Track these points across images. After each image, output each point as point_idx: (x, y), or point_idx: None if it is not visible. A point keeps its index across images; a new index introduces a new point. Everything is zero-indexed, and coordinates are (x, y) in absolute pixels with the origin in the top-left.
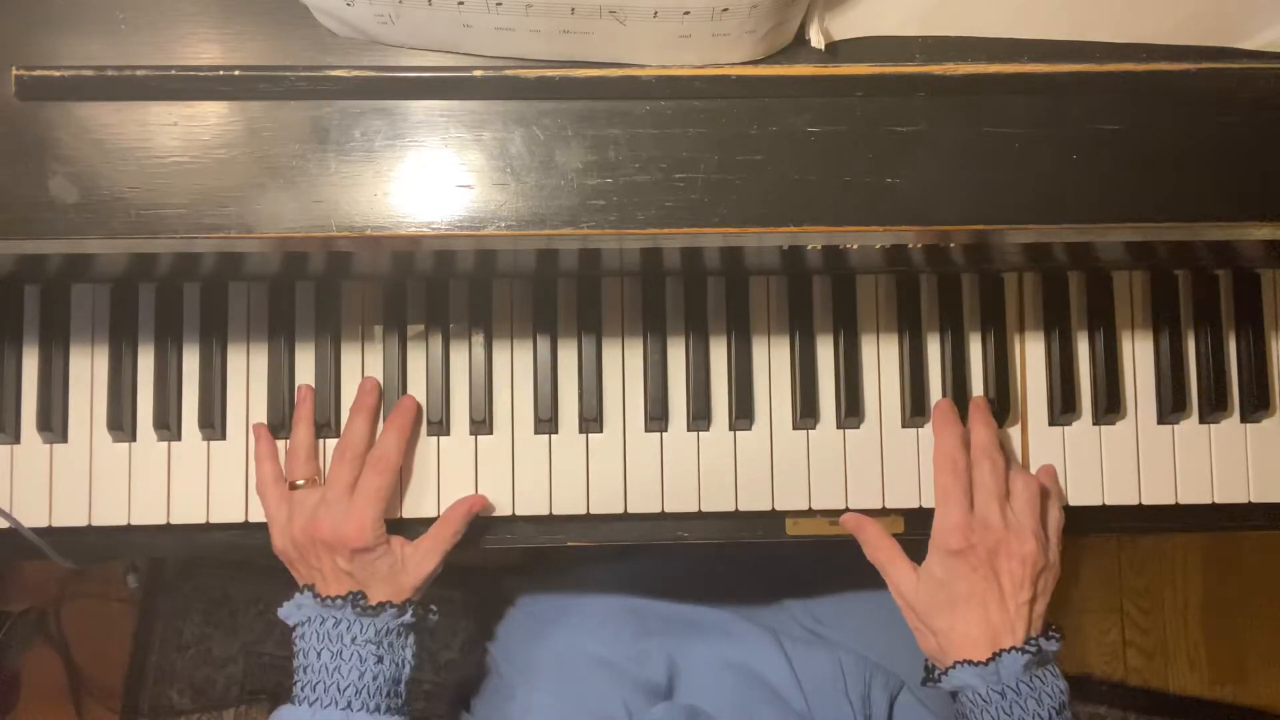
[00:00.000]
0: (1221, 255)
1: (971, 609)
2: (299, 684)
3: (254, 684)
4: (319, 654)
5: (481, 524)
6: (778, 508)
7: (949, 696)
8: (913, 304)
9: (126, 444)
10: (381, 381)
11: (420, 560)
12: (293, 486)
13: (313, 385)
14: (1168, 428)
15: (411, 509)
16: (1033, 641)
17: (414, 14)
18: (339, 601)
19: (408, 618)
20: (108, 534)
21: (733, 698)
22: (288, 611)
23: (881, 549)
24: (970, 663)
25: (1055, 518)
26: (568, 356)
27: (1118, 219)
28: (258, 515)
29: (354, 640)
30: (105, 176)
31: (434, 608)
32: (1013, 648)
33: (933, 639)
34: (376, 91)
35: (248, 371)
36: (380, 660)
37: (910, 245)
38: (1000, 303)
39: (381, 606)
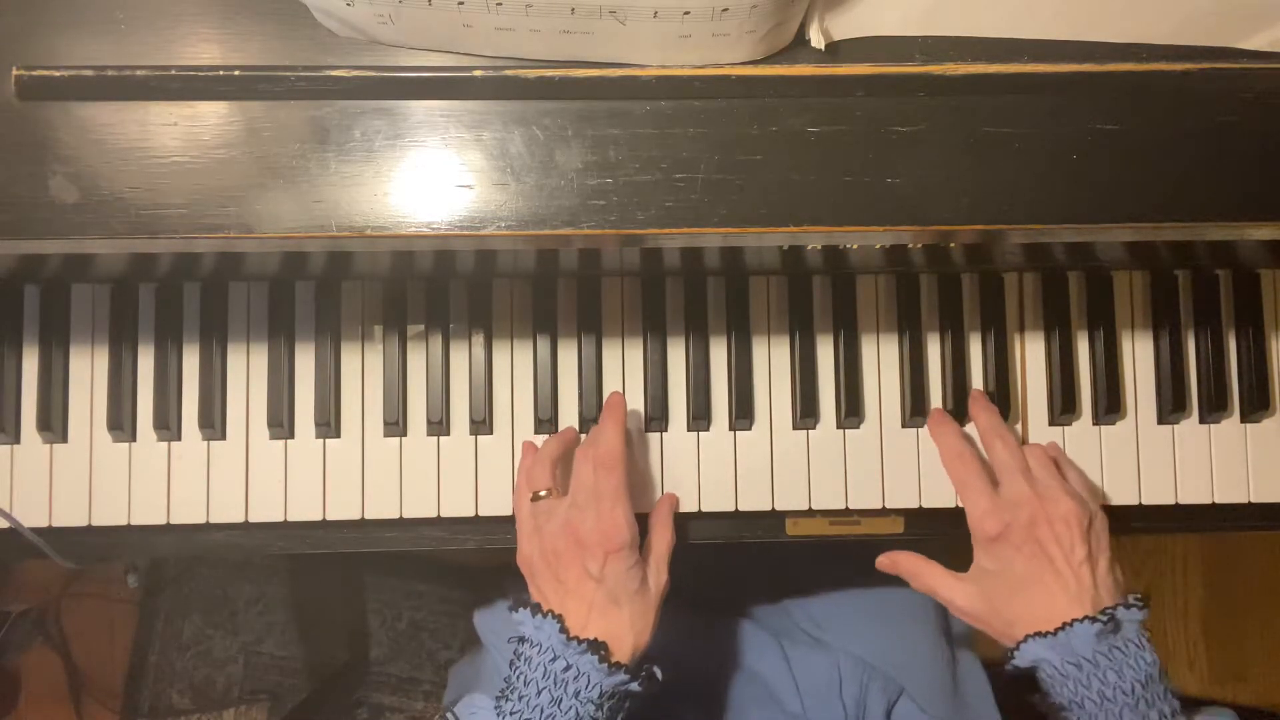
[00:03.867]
0: (1221, 255)
1: (1033, 587)
2: (506, 699)
3: (254, 684)
4: (539, 691)
5: (482, 524)
6: (778, 508)
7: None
8: (913, 304)
9: (126, 444)
10: (382, 381)
11: (656, 573)
12: (534, 498)
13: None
14: (1168, 428)
15: (412, 510)
16: (1106, 611)
17: (414, 14)
18: (581, 646)
19: (635, 685)
20: (108, 534)
21: (727, 697)
22: (523, 620)
23: (924, 575)
24: (1039, 635)
25: (1075, 476)
26: (568, 356)
27: (1118, 219)
28: (258, 515)
29: (577, 695)
30: (105, 176)
31: (658, 671)
32: (1084, 617)
33: (1008, 632)
34: (376, 91)
35: (248, 371)
36: None
37: (910, 245)
38: (1000, 303)
39: (618, 666)
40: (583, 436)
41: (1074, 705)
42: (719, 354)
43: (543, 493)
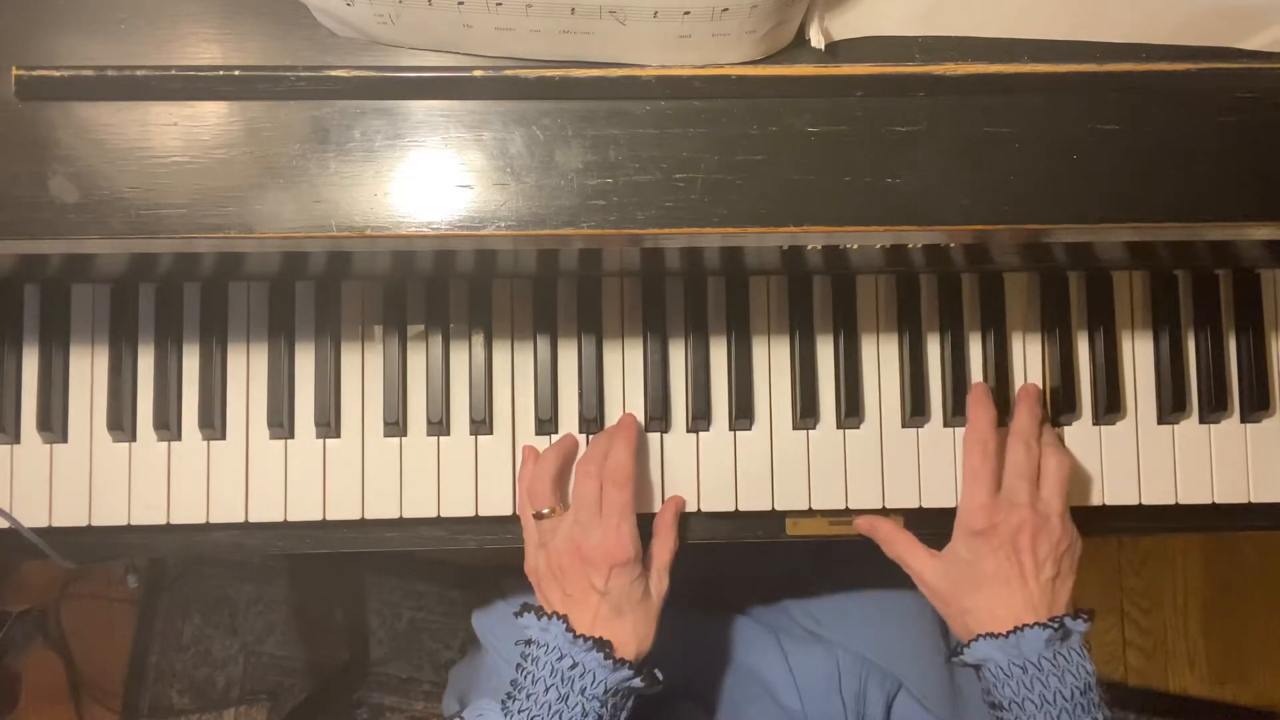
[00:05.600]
0: (1221, 255)
1: (996, 587)
2: (514, 699)
3: (254, 684)
4: (547, 689)
5: (482, 524)
6: (778, 508)
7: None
8: (913, 304)
9: (126, 444)
10: (382, 381)
11: (658, 582)
12: (538, 516)
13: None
14: (1168, 428)
15: (412, 510)
16: (1056, 619)
17: (414, 14)
18: (588, 643)
19: (637, 682)
20: (108, 534)
21: (723, 694)
22: (528, 624)
23: (898, 544)
24: (991, 635)
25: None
26: (568, 356)
27: (1118, 219)
28: (258, 515)
29: (583, 692)
30: (105, 176)
31: (658, 674)
32: (1036, 623)
33: (960, 620)
34: (376, 91)
35: (248, 371)
36: None
37: (910, 245)
38: (1000, 303)
39: (622, 663)
40: (582, 440)
41: (1013, 705)
42: (719, 354)
43: (545, 511)
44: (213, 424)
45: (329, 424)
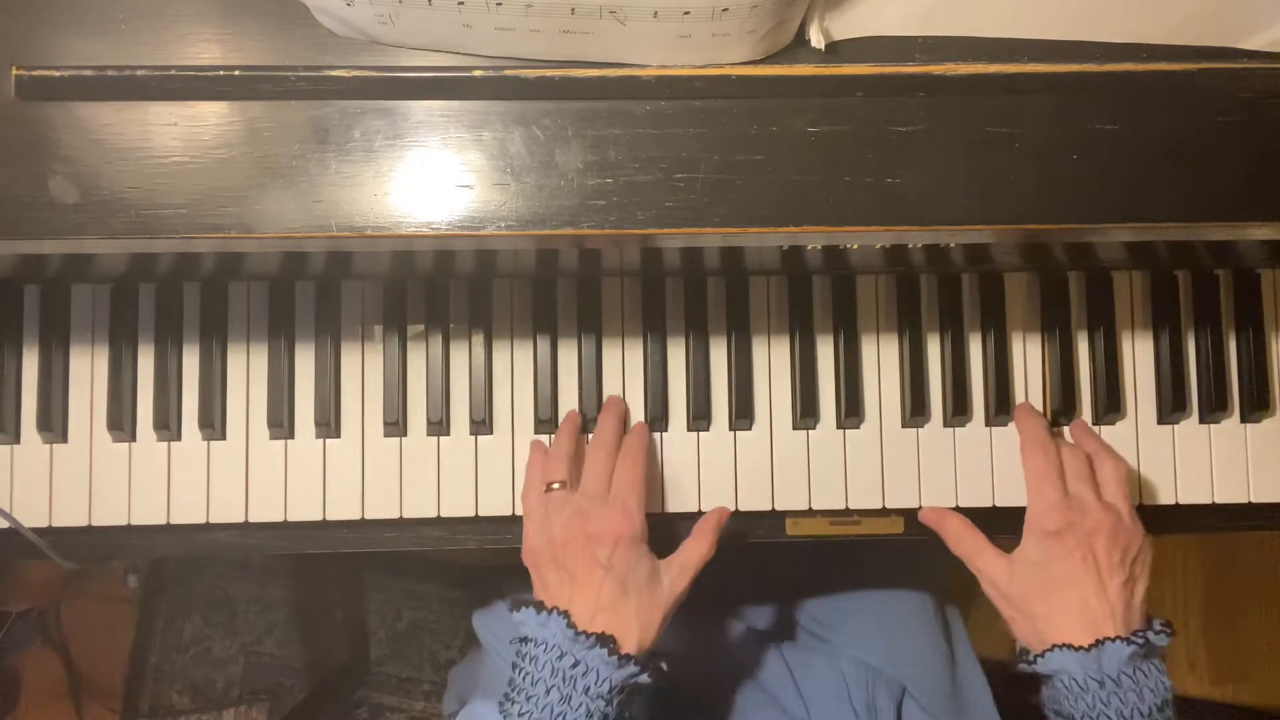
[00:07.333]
0: (1221, 255)
1: (1070, 592)
2: (512, 701)
3: (254, 684)
4: (548, 690)
5: (482, 524)
6: (778, 508)
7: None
8: (913, 304)
9: (126, 444)
10: (382, 381)
11: (676, 577)
12: (548, 489)
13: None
14: (1168, 428)
15: (412, 510)
16: (1140, 634)
17: (414, 14)
18: (590, 640)
19: (644, 678)
20: (108, 534)
21: (722, 699)
22: (525, 620)
23: (966, 541)
24: (1070, 647)
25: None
26: (568, 356)
27: (1118, 219)
28: (258, 515)
29: (587, 691)
30: (105, 176)
31: (664, 665)
32: (1118, 638)
33: (1029, 625)
34: (376, 91)
35: (248, 371)
36: None
37: (910, 245)
38: (1000, 303)
39: (627, 659)
40: (587, 434)
41: (1086, 719)
42: (719, 354)
43: (556, 485)
44: (213, 424)
45: (329, 424)
